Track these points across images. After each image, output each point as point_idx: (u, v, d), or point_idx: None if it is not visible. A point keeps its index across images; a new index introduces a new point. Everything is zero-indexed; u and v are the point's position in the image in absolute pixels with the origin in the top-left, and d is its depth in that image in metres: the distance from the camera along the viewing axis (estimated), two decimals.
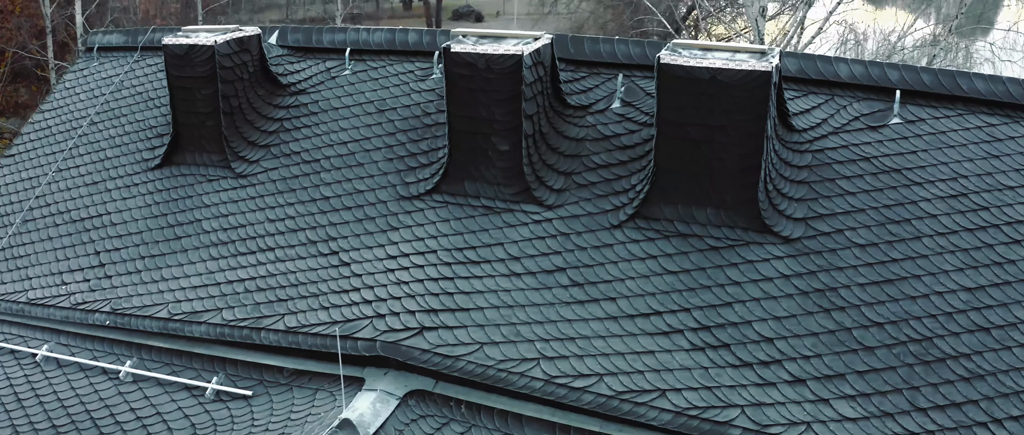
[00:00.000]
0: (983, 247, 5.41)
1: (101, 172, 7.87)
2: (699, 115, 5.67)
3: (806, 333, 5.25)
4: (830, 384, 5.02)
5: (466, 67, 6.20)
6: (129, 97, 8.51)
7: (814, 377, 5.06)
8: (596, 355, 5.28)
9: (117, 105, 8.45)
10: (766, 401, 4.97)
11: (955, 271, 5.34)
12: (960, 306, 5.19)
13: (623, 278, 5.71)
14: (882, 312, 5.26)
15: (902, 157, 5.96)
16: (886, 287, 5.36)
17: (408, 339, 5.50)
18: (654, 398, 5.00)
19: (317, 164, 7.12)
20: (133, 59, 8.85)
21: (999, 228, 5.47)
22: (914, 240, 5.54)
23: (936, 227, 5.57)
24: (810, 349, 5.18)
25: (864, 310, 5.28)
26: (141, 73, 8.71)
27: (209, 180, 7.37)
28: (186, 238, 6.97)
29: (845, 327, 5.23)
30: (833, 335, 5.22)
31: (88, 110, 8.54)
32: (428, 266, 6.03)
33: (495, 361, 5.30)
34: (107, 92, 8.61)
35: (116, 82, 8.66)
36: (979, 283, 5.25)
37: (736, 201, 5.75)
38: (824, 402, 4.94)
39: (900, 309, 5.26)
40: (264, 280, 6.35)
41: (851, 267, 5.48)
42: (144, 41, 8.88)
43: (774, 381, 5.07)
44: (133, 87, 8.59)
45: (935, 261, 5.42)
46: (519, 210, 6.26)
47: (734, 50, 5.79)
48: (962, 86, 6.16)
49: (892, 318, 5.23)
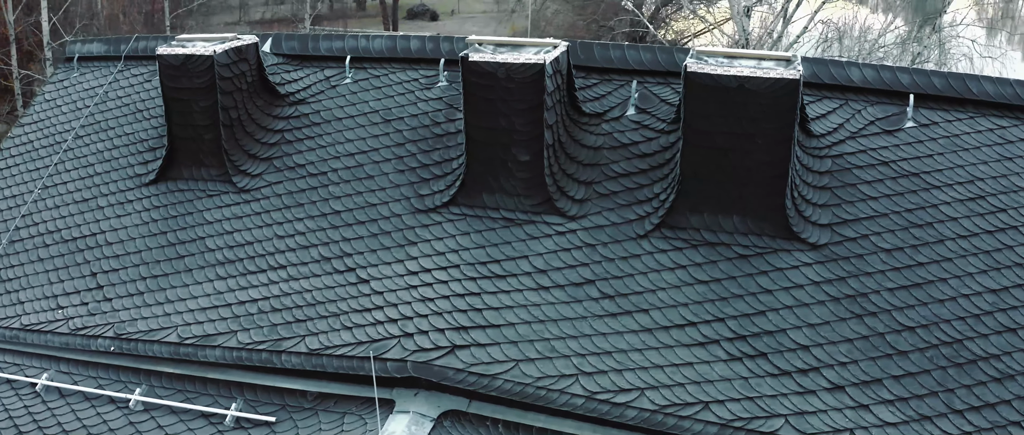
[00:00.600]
0: (1004, 249, 5.54)
1: (91, 189, 7.53)
2: (726, 123, 5.67)
3: (841, 339, 5.30)
4: (868, 390, 5.07)
5: (485, 77, 6.09)
6: (116, 109, 8.16)
7: (852, 383, 5.11)
8: (635, 369, 5.25)
9: (103, 118, 8.10)
10: (808, 409, 5.00)
11: (979, 273, 5.45)
12: (986, 308, 5.30)
13: (654, 289, 5.68)
14: (912, 316, 5.34)
15: (919, 161, 6.06)
16: (914, 291, 5.44)
17: (440, 358, 5.39)
18: (698, 411, 4.99)
19: (324, 177, 6.93)
20: (117, 69, 8.49)
21: (1018, 229, 5.60)
22: (937, 243, 5.63)
23: (957, 230, 5.68)
24: (846, 355, 5.23)
25: (895, 314, 5.36)
26: (127, 83, 8.36)
27: (209, 195, 7.11)
28: (189, 257, 6.72)
29: (878, 332, 5.30)
30: (867, 341, 5.28)
31: (72, 123, 8.16)
32: (452, 281, 5.92)
33: (532, 378, 5.23)
34: (91, 104, 8.25)
35: (100, 93, 8.30)
36: (1003, 284, 5.37)
37: (763, 208, 5.77)
38: (864, 408, 4.99)
39: (929, 313, 5.34)
40: (279, 300, 6.15)
41: (879, 272, 5.55)
42: (127, 50, 8.53)
43: (814, 389, 5.10)
44: (119, 99, 8.24)
45: (959, 264, 5.52)
46: (541, 222, 6.18)
47: (759, 58, 5.80)
48: (972, 89, 6.29)
49: (922, 322, 5.31)
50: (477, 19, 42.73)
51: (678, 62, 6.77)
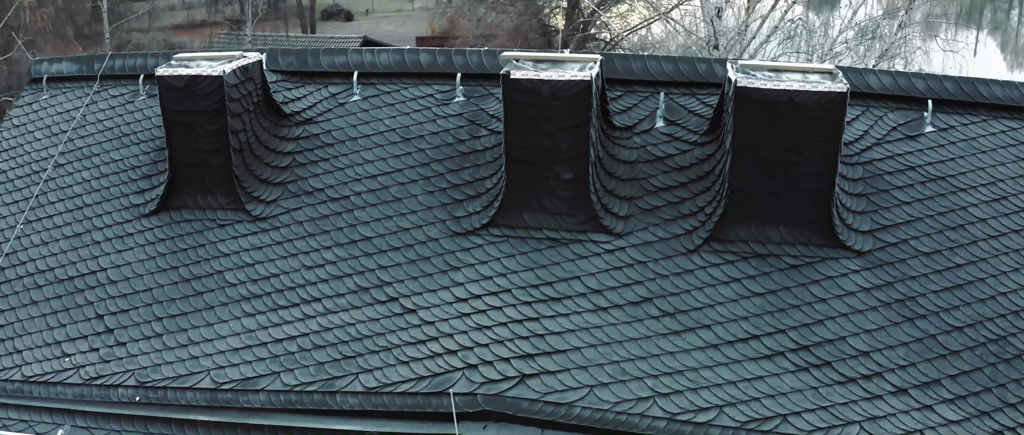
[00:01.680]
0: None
1: (83, 222, 6.99)
2: (775, 137, 5.78)
3: (897, 343, 5.52)
4: (929, 391, 5.31)
5: (528, 94, 5.99)
6: (97, 134, 7.60)
7: (914, 385, 5.33)
8: (709, 386, 5.31)
9: (85, 144, 7.53)
10: (878, 414, 5.18)
11: (1012, 271, 5.78)
12: (1018, 306, 5.63)
13: (712, 304, 5.75)
14: (958, 317, 5.61)
15: (943, 164, 6.36)
16: (956, 292, 5.71)
17: (511, 389, 5.29)
18: (778, 424, 5.10)
19: (347, 201, 6.67)
20: (93, 90, 7.91)
21: None
22: (971, 244, 5.94)
23: (987, 231, 6.00)
24: (904, 359, 5.45)
25: (942, 316, 5.61)
26: (106, 106, 7.80)
27: (221, 225, 6.72)
28: (208, 293, 6.34)
29: (929, 334, 5.54)
30: (920, 343, 5.51)
31: (49, 150, 7.55)
32: (506, 307, 5.82)
33: (609, 404, 5.21)
34: (69, 129, 7.65)
35: (78, 117, 7.71)
36: None
37: (809, 218, 5.93)
38: (928, 409, 5.22)
39: (973, 312, 5.63)
40: (320, 336, 5.89)
41: (922, 275, 5.80)
42: (102, 70, 7.96)
43: (880, 393, 5.29)
44: (100, 122, 7.68)
45: (994, 263, 5.84)
46: (588, 240, 6.15)
47: (803, 71, 5.94)
48: (982, 92, 6.65)
49: (968, 321, 5.59)
50: (392, 18, 42.43)
51: (702, 73, 6.87)
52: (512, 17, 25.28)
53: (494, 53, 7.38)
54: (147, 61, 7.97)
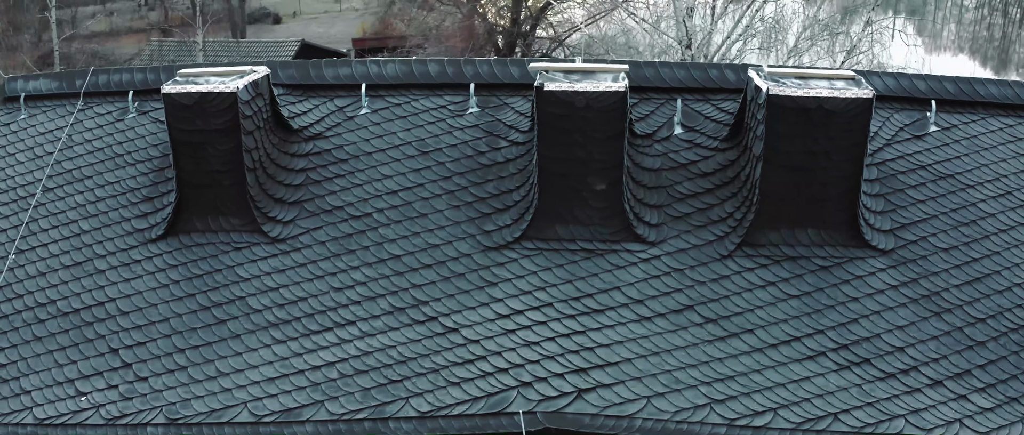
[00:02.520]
0: None
1: (82, 250, 6.65)
2: (805, 143, 5.99)
3: (928, 337, 5.81)
4: (962, 381, 5.61)
5: (561, 106, 6.02)
6: (87, 155, 7.24)
7: (948, 377, 5.63)
8: (760, 390, 5.47)
9: (74, 166, 7.16)
10: (919, 406, 5.44)
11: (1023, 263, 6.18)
12: None
13: (751, 308, 5.92)
14: (980, 309, 5.95)
15: (949, 163, 6.71)
16: (976, 285, 6.05)
17: (570, 405, 5.33)
18: (830, 423, 5.30)
19: (370, 219, 6.56)
20: (77, 108, 7.53)
21: None
22: (984, 239, 6.29)
23: (997, 225, 6.37)
24: (935, 352, 5.74)
25: (966, 309, 5.94)
26: (93, 125, 7.43)
27: (237, 248, 6.51)
28: (232, 321, 6.14)
29: (956, 327, 5.86)
30: (949, 336, 5.82)
31: (34, 174, 7.15)
32: (551, 321, 5.85)
33: (669, 414, 5.31)
34: (54, 151, 7.26)
35: (64, 138, 7.32)
36: None
37: (837, 220, 6.17)
38: (964, 398, 5.52)
39: (993, 304, 5.98)
40: (360, 360, 5.79)
41: (943, 271, 6.12)
42: (86, 86, 7.58)
43: (918, 387, 5.57)
44: (88, 142, 7.31)
45: (1006, 256, 6.21)
46: (622, 250, 6.24)
47: (828, 77, 6.17)
48: (979, 92, 7.05)
49: (989, 313, 5.93)
50: (321, 20, 41.87)
51: (714, 78, 7.05)
52: (443, 16, 25.21)
53: (504, 62, 7.38)
54: (134, 76, 7.64)
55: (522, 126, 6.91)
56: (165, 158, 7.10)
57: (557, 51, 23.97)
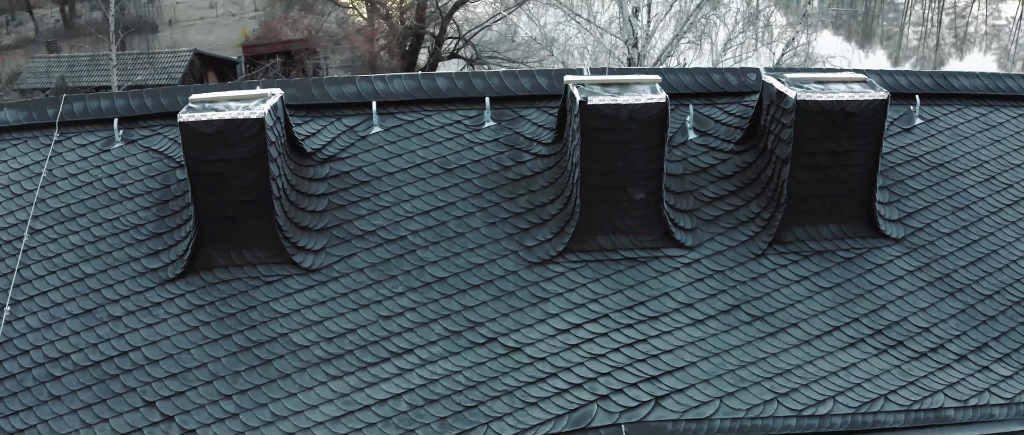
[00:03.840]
0: (1022, 219, 7.13)
1: (90, 296, 6.28)
2: (829, 143, 6.49)
3: (946, 317, 6.47)
4: (982, 354, 6.30)
5: (605, 120, 6.24)
6: (74, 191, 6.80)
7: (970, 351, 6.29)
8: (817, 380, 5.93)
9: (61, 204, 6.71)
10: (952, 380, 6.07)
11: (1015, 242, 6.95)
12: None
13: (791, 303, 6.38)
14: (986, 286, 6.67)
15: (938, 153, 7.45)
16: (979, 265, 6.78)
17: (650, 414, 5.59)
18: (884, 404, 5.82)
19: (406, 242, 6.56)
20: (53, 140, 7.05)
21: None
22: (978, 222, 7.05)
23: (987, 208, 7.14)
24: (956, 329, 6.41)
25: (975, 287, 6.64)
26: (75, 157, 6.99)
27: (268, 282, 6.35)
28: (278, 360, 6.00)
29: (969, 304, 6.55)
30: (964, 313, 6.50)
31: (16, 215, 6.65)
32: (611, 332, 6.08)
33: (742, 411, 5.67)
34: (35, 187, 6.78)
35: (44, 173, 6.85)
36: None
37: (854, 214, 6.73)
38: (986, 369, 6.20)
39: (996, 281, 6.72)
40: (426, 389, 5.81)
41: (950, 254, 6.81)
42: (60, 115, 7.11)
43: (948, 363, 6.20)
44: (73, 177, 6.87)
45: (999, 236, 6.98)
46: (663, 256, 6.55)
47: (842, 80, 6.70)
48: (953, 84, 7.84)
49: (995, 289, 6.66)
50: (197, 26, 40.54)
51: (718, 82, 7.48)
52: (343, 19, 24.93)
53: (514, 74, 7.53)
54: (114, 103, 7.24)
55: (543, 138, 7.09)
56: (166, 189, 6.81)
57: (464, 50, 24.13)
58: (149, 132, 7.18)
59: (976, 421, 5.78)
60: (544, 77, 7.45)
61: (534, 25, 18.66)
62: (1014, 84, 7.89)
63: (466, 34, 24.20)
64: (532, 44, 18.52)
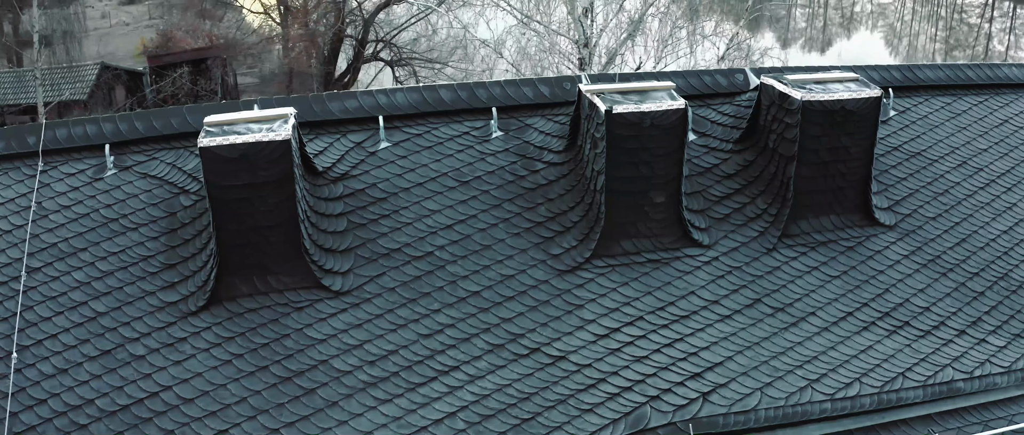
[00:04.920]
0: (995, 199, 7.92)
1: (106, 337, 6.10)
2: (829, 140, 7.05)
3: (942, 296, 7.14)
4: (977, 328, 7.00)
5: (629, 127, 6.56)
6: (70, 224, 6.57)
7: (967, 326, 6.98)
8: (841, 364, 6.45)
9: (57, 238, 6.47)
10: (957, 354, 6.72)
11: (992, 221, 7.73)
12: (1009, 244, 7.61)
13: (805, 293, 6.90)
14: (972, 265, 7.40)
15: (913, 142, 8.17)
16: (964, 245, 7.51)
17: (701, 410, 5.96)
18: (903, 383, 6.41)
19: (434, 258, 6.69)
20: (39, 170, 6.77)
21: (996, 182, 8.05)
22: (957, 205, 7.79)
23: (964, 192, 7.91)
24: (952, 307, 7.09)
25: (962, 267, 7.37)
26: (64, 188, 6.74)
27: (298, 308, 6.35)
28: (323, 388, 6.01)
29: (960, 283, 7.26)
30: (957, 291, 7.20)
31: (8, 253, 6.36)
32: (648, 334, 6.41)
33: (782, 400, 6.12)
34: (25, 222, 6.50)
35: (34, 206, 6.57)
36: (1009, 225, 7.74)
37: (852, 205, 7.33)
38: (983, 342, 6.90)
39: (979, 259, 7.46)
40: (480, 405, 5.96)
41: (937, 237, 7.52)
42: (42, 143, 6.83)
43: (950, 338, 6.86)
44: (66, 209, 6.63)
45: (977, 217, 7.74)
46: (684, 256, 6.94)
47: (838, 80, 7.25)
48: (920, 76, 8.61)
49: (980, 267, 7.39)
50: (91, 37, 38.79)
51: (709, 84, 7.94)
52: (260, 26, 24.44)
53: (516, 83, 7.75)
54: (101, 127, 7.02)
55: (553, 146, 7.35)
56: (172, 217, 6.68)
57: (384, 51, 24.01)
58: (144, 157, 7.00)
59: (982, 390, 6.45)
60: (545, 85, 7.70)
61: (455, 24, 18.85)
62: (971, 74, 8.72)
63: (386, 36, 24.07)
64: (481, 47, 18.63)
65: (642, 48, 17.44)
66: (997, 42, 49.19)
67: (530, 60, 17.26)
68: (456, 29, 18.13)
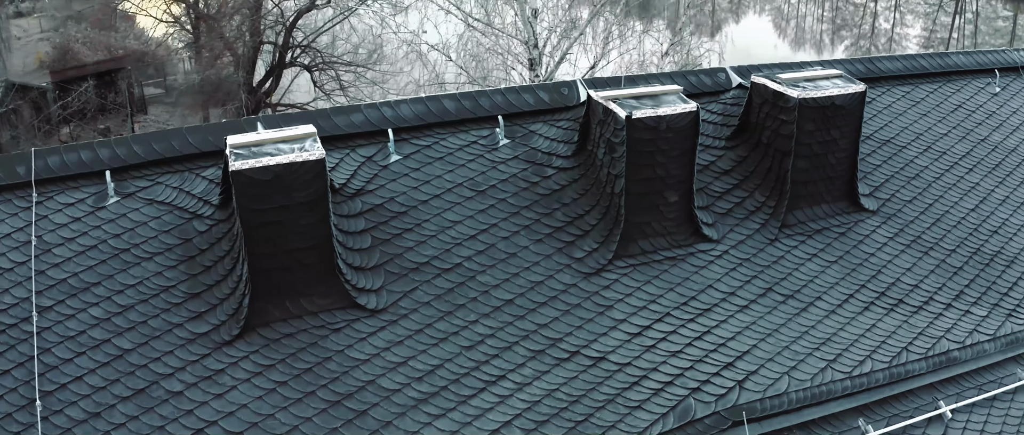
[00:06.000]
0: (960, 180, 8.81)
1: (138, 374, 6.01)
2: (821, 135, 7.69)
3: (927, 272, 7.92)
4: (961, 299, 7.81)
5: (647, 131, 6.97)
6: (78, 257, 6.41)
7: (952, 299, 7.78)
8: (851, 344, 7.08)
9: (64, 274, 6.31)
10: (948, 326, 7.49)
11: (960, 201, 8.60)
12: (977, 221, 8.49)
13: (809, 279, 7.51)
14: (950, 241, 8.22)
15: (882, 131, 8.97)
16: (938, 226, 8.33)
17: (740, 397, 6.44)
18: (905, 356, 7.11)
19: (463, 270, 6.90)
20: (34, 200, 6.55)
21: (959, 164, 8.94)
22: (929, 187, 8.62)
23: (932, 175, 8.75)
24: (936, 283, 7.88)
25: (942, 244, 8.18)
26: (64, 219, 6.57)
27: (336, 329, 6.44)
28: (373, 408, 6.12)
29: (941, 260, 8.07)
30: (940, 268, 8.00)
31: (13, 293, 6.15)
32: (678, 329, 6.84)
33: (807, 381, 6.69)
34: (27, 258, 6.29)
35: (34, 241, 6.37)
36: (975, 204, 8.63)
37: (840, 193, 8.02)
38: (968, 313, 7.71)
39: (954, 237, 8.30)
40: (533, 411, 6.20)
41: (915, 219, 8.31)
42: (35, 172, 6.62)
43: (939, 312, 7.64)
44: (70, 242, 6.47)
45: (947, 198, 8.60)
46: (697, 251, 7.42)
47: (825, 77, 7.89)
48: (880, 68, 9.43)
49: (956, 244, 8.22)
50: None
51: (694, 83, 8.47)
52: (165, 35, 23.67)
53: (516, 90, 8.03)
54: (97, 152, 6.87)
55: (559, 151, 7.69)
56: (188, 244, 6.63)
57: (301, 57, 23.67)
58: (147, 182, 6.89)
59: (974, 358, 7.24)
60: (544, 91, 8.02)
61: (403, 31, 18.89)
62: (925, 62, 9.63)
63: (304, 40, 23.70)
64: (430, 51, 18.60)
65: (587, 47, 17.99)
66: (883, 20, 52.78)
67: (480, 63, 17.50)
68: (403, 34, 18.15)
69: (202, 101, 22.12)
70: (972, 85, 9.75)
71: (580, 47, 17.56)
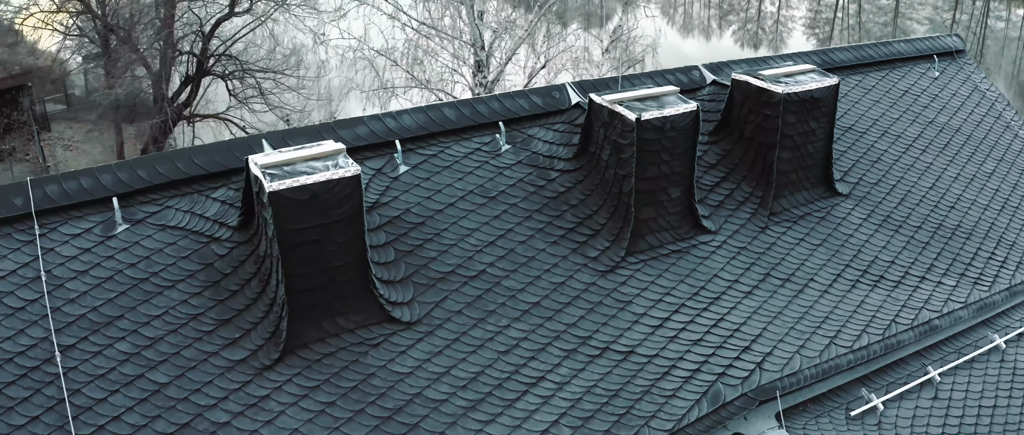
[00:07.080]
0: (916, 161, 9.71)
1: (180, 408, 6.01)
2: (803, 128, 8.36)
3: (900, 249, 8.75)
4: (933, 272, 8.66)
5: (654, 131, 7.42)
6: (95, 290, 6.35)
7: (924, 272, 8.63)
8: (846, 321, 7.78)
9: (84, 309, 6.24)
10: (925, 297, 8.32)
11: (919, 180, 9.51)
12: (936, 198, 9.40)
13: (800, 262, 8.18)
14: (915, 219, 9.10)
15: (844, 118, 9.78)
16: (904, 204, 9.20)
17: (762, 378, 6.99)
18: (895, 329, 7.87)
19: (488, 276, 7.17)
20: (38, 233, 6.40)
21: (913, 146, 9.84)
22: (891, 170, 9.48)
23: (893, 157, 9.62)
24: (909, 259, 8.71)
25: (908, 221, 9.04)
26: (71, 251, 6.47)
27: (374, 345, 6.60)
28: (425, 419, 6.32)
29: (910, 237, 8.91)
30: (910, 243, 8.84)
31: (29, 333, 6.03)
32: (695, 318, 7.34)
33: (816, 357, 7.32)
34: (40, 295, 6.17)
35: (44, 276, 6.24)
36: (932, 182, 9.54)
37: (816, 179, 8.73)
38: (941, 284, 8.57)
39: (919, 214, 9.17)
40: (576, 409, 6.54)
41: (883, 201, 9.13)
42: (36, 204, 6.47)
43: (916, 285, 8.46)
44: (82, 275, 6.39)
45: (908, 178, 9.48)
46: (698, 243, 7.95)
47: (801, 71, 8.56)
48: (834, 59, 10.25)
49: (920, 221, 9.11)
50: None
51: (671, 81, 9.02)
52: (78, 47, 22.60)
53: (512, 96, 8.34)
54: (98, 178, 6.76)
55: (559, 154, 8.06)
56: (210, 269, 6.65)
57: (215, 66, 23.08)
58: (155, 207, 6.84)
59: (951, 325, 8.08)
60: (537, 96, 8.37)
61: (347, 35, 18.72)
62: (872, 52, 10.52)
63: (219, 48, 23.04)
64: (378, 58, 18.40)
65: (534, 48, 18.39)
66: (769, 3, 55.53)
67: (423, 67, 17.57)
68: (348, 40, 17.98)
69: (113, 116, 21.20)
70: (915, 71, 10.72)
71: (526, 47, 17.98)
